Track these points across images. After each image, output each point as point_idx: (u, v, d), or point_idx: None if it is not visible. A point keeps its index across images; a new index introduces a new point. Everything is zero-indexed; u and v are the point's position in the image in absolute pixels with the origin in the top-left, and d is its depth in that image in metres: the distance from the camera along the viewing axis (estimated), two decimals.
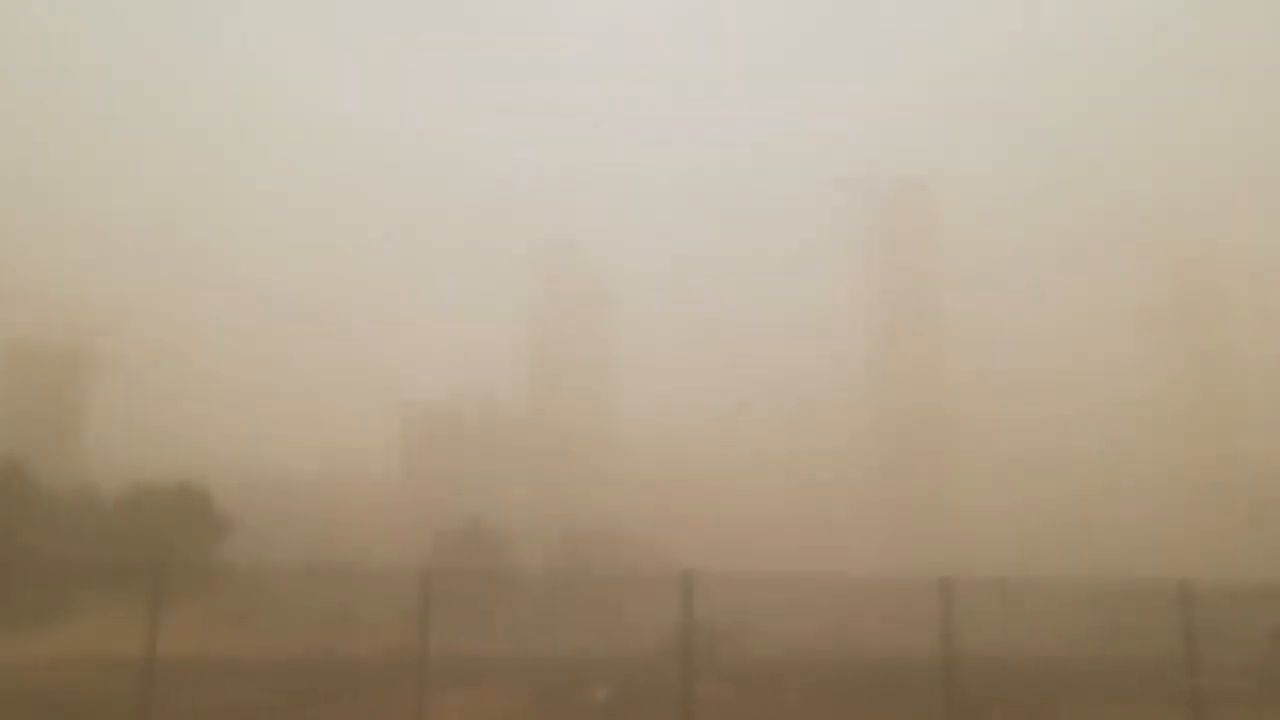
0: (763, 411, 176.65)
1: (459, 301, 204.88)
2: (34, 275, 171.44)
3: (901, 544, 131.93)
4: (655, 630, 32.92)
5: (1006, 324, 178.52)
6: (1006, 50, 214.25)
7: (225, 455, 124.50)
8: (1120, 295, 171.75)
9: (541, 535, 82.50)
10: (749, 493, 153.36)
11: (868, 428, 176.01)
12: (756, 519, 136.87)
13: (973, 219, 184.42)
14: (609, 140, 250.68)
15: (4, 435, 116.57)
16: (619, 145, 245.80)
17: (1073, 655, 31.84)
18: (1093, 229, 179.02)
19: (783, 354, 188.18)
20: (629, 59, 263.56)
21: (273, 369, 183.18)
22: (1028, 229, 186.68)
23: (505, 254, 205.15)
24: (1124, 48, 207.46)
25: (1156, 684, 18.67)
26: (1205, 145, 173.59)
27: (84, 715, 15.88)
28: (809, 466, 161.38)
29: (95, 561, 44.60)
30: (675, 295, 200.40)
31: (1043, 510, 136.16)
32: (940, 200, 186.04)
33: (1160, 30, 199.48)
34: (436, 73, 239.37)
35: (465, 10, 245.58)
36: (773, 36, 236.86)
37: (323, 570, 59.25)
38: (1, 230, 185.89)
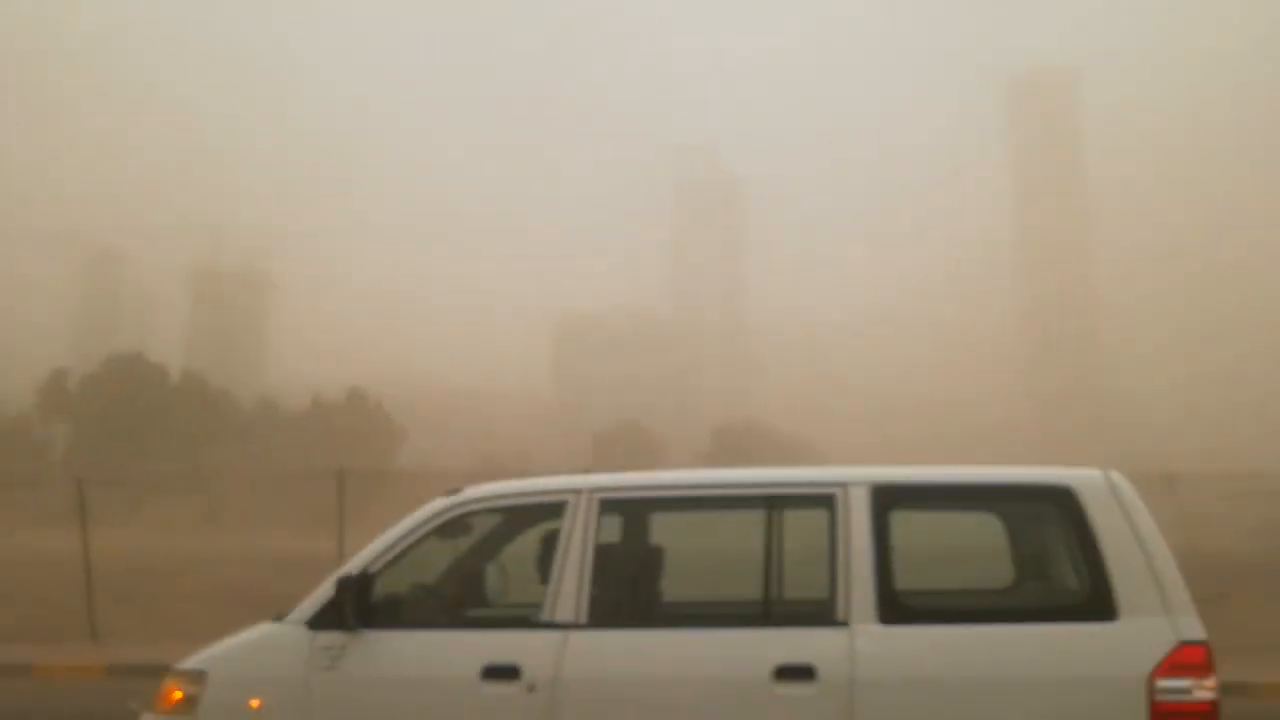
0: (906, 306, 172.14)
1: (602, 214, 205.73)
2: (209, 205, 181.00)
3: (1058, 437, 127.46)
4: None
5: (1158, 209, 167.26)
6: None
7: (394, 368, 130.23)
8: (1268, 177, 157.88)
9: (692, 435, 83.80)
10: (892, 387, 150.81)
11: (1018, 318, 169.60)
12: (902, 413, 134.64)
13: (1115, 107, 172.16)
14: (741, 41, 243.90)
15: (190, 353, 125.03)
16: (750, 43, 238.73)
17: (1244, 549, 30.26)
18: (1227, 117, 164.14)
19: (924, 247, 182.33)
20: None
21: (433, 285, 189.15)
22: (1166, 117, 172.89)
23: (643, 165, 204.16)
24: None
25: None
26: None
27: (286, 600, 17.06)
28: (957, 359, 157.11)
29: (281, 467, 47.78)
30: (814, 194, 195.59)
31: (1210, 401, 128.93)
32: (1081, 88, 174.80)
33: None
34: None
35: None
36: None
37: (489, 473, 61.82)
38: (181, 166, 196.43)
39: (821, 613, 4.53)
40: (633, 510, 5.27)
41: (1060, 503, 4.64)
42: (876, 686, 4.27)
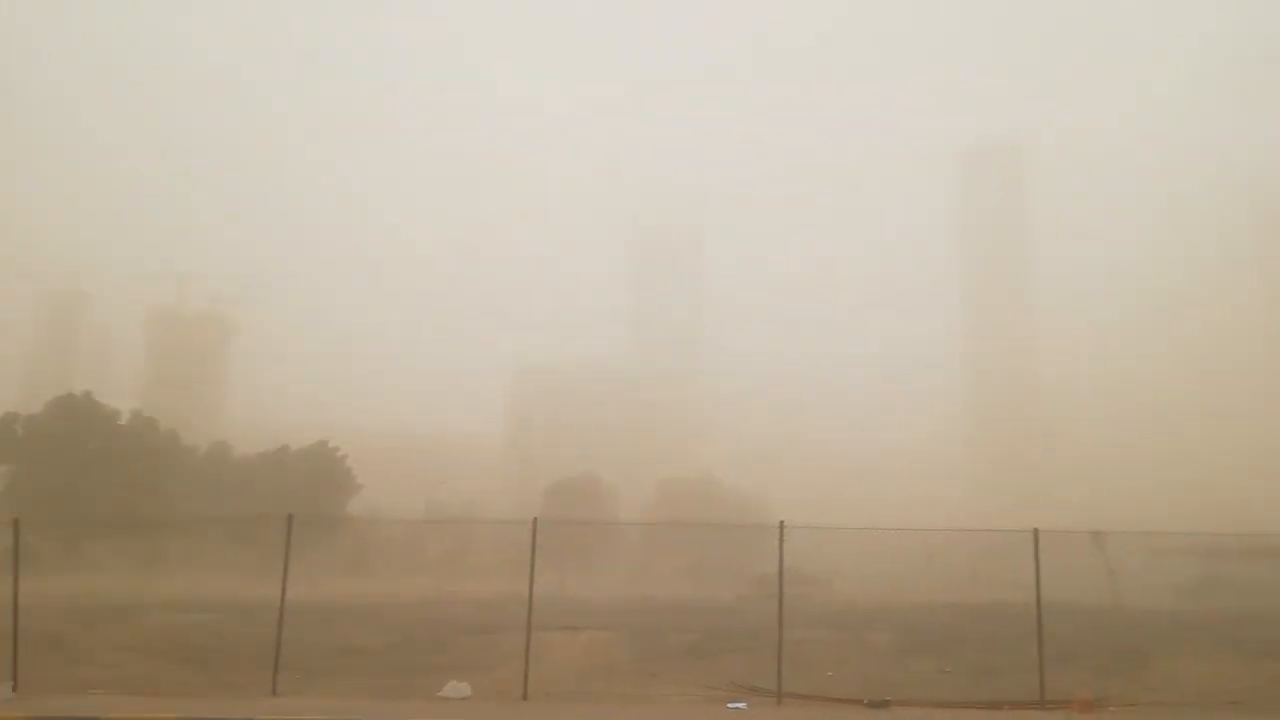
0: (855, 370, 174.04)
1: (563, 272, 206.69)
2: (174, 252, 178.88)
3: (993, 498, 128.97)
4: (748, 577, 33.06)
5: (1098, 281, 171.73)
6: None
7: (349, 415, 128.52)
8: (1209, 242, 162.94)
9: (642, 487, 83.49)
10: (839, 446, 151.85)
11: (962, 380, 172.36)
12: (847, 472, 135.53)
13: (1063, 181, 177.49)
14: (699, 121, 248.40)
15: (146, 396, 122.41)
16: (708, 123, 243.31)
17: (1165, 607, 30.83)
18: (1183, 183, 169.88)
19: (874, 316, 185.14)
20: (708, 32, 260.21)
21: (395, 337, 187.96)
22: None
23: (604, 227, 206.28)
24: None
25: (1252, 636, 17.94)
26: None
27: (223, 652, 16.69)
28: (900, 423, 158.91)
29: (233, 514, 46.75)
30: (766, 257, 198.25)
31: (1137, 463, 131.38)
32: (1029, 164, 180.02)
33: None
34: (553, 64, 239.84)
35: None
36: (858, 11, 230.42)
37: (440, 520, 61.11)
38: (148, 211, 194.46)
39: None
40: None
41: None
42: None
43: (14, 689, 13.84)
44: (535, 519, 15.19)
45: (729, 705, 13.52)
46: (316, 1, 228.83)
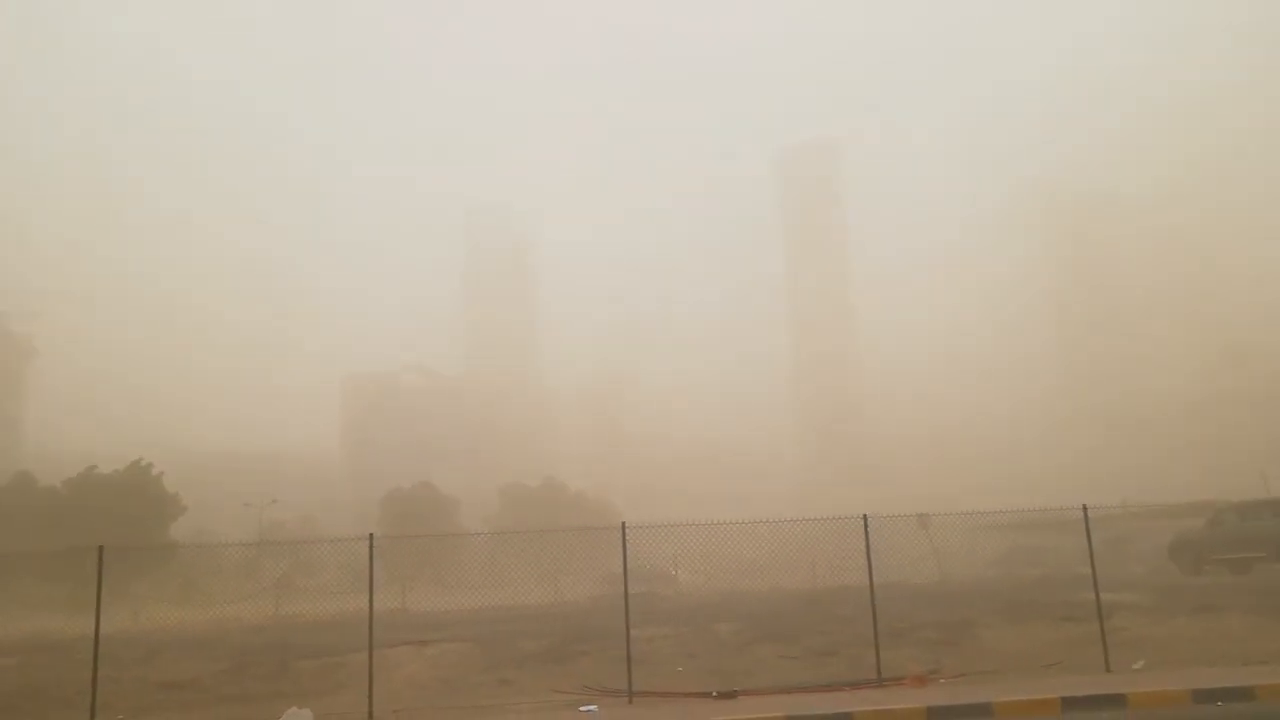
0: (689, 371, 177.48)
1: (393, 276, 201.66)
2: None
3: (825, 489, 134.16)
4: (599, 577, 33.05)
5: (916, 274, 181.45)
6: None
7: (168, 434, 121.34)
8: (1021, 242, 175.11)
9: (483, 495, 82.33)
10: (675, 446, 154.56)
11: (789, 369, 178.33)
12: (684, 471, 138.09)
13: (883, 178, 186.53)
14: (532, 111, 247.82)
15: None
16: (542, 118, 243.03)
17: (986, 578, 32.78)
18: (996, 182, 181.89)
19: (704, 313, 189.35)
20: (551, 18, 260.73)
21: (218, 349, 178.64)
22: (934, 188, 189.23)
23: (434, 228, 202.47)
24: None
25: (1064, 600, 19.20)
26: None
27: (33, 694, 15.31)
28: (733, 419, 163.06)
29: (40, 546, 43.05)
30: (598, 258, 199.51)
31: (957, 449, 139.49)
32: (848, 160, 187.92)
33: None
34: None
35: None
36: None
37: (273, 540, 58.16)
38: None
39: None
40: None
41: None
42: None
43: None
44: (372, 535, 14.64)
45: (581, 709, 13.38)
46: None
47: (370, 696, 13.29)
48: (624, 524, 14.56)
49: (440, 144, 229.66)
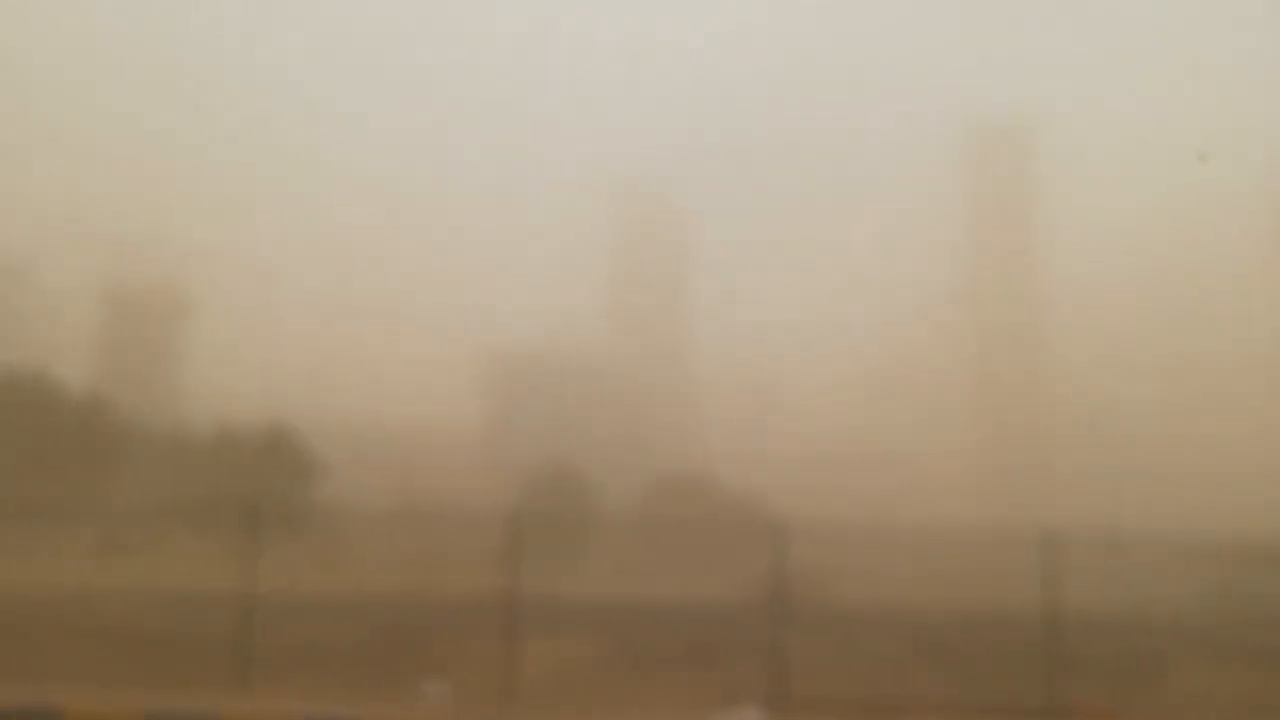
0: (854, 351, 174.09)
1: (541, 247, 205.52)
2: (123, 221, 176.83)
3: (1002, 490, 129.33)
4: (745, 579, 33.10)
5: (1110, 265, 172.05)
6: None
7: (317, 400, 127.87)
8: (1229, 235, 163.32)
9: (629, 480, 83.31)
10: (841, 435, 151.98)
11: (964, 365, 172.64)
12: (850, 462, 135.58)
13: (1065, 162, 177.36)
14: (685, 77, 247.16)
15: (97, 377, 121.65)
16: (696, 80, 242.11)
17: (1183, 614, 30.99)
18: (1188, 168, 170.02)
19: (873, 290, 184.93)
20: None
21: (361, 314, 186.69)
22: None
23: (583, 198, 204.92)
24: None
25: (1272, 645, 18.11)
26: None
27: (183, 649, 16.62)
28: (904, 408, 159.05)
29: (188, 499, 46.40)
30: (758, 231, 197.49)
31: (1155, 461, 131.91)
32: (1036, 144, 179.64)
33: None
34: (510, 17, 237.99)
35: None
36: None
37: (412, 513, 60.81)
38: (94, 178, 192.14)
39: None
40: None
41: None
42: None
43: None
44: (516, 512, 15.15)
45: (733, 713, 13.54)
46: None
47: (507, 678, 13.80)
48: (777, 520, 14.59)
49: (594, 112, 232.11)
